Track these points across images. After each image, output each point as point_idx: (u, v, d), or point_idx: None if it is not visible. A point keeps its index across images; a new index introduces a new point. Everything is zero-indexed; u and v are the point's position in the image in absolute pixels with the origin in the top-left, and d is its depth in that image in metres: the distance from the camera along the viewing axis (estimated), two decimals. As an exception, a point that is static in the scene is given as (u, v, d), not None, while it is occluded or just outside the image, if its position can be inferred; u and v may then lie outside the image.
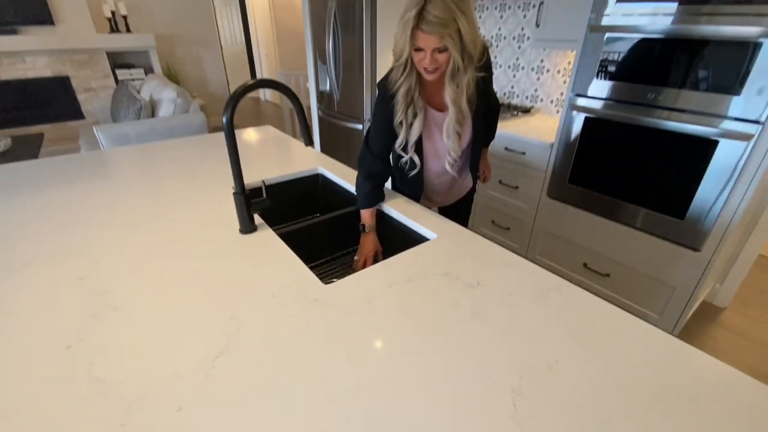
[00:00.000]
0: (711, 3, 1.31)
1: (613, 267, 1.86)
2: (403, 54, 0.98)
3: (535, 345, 0.69)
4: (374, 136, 1.18)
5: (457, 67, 0.98)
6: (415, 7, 0.89)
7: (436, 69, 0.98)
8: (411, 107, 1.08)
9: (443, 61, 0.97)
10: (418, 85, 1.05)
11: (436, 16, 0.88)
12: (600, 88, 1.67)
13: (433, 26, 0.89)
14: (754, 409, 0.58)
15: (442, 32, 0.90)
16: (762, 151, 1.32)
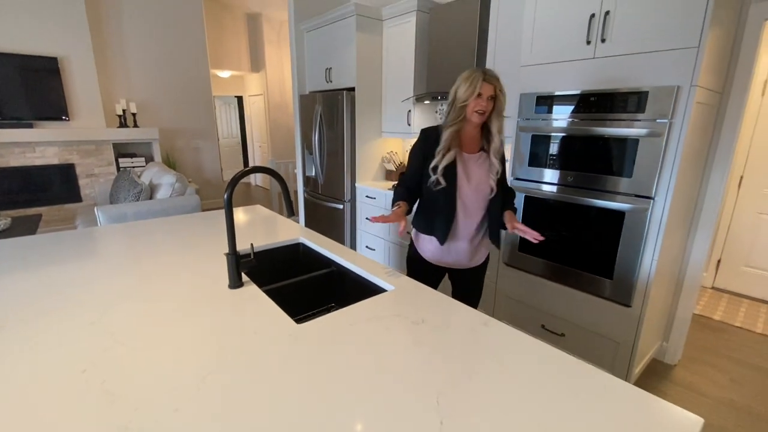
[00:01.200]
0: (601, 111, 1.75)
1: (567, 327, 2.06)
2: (465, 98, 1.37)
3: (460, 362, 0.88)
4: (408, 174, 1.57)
5: (499, 110, 1.41)
6: (480, 71, 1.37)
7: (484, 113, 1.39)
8: (450, 144, 1.43)
9: (490, 108, 1.40)
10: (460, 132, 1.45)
11: (493, 76, 1.38)
12: (532, 173, 2.05)
13: (493, 79, 1.37)
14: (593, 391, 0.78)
15: (497, 84, 1.37)
16: (657, 220, 1.65)
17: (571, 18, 1.80)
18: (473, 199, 1.50)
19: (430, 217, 1.55)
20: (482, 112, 1.38)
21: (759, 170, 2.95)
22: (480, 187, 1.49)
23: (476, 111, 1.38)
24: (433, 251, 1.58)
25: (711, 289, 3.23)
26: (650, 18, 1.57)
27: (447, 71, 2.76)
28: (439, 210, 1.51)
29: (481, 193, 1.50)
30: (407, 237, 1.73)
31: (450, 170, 1.45)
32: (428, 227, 1.56)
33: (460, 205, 1.50)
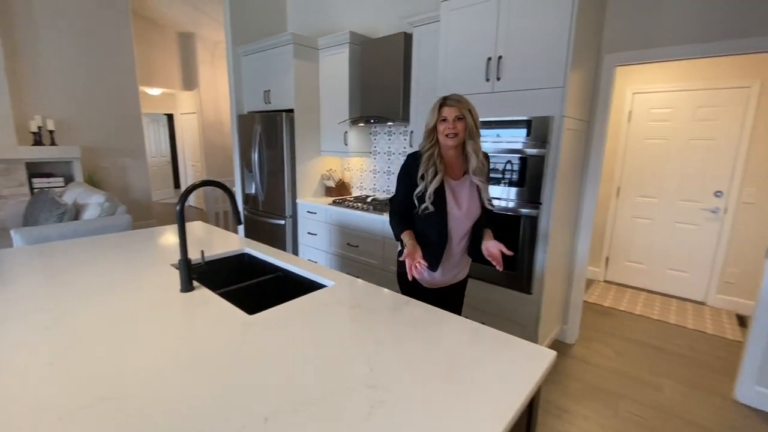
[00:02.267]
0: (500, 135, 2.15)
1: (484, 316, 2.39)
2: (430, 125, 1.45)
3: (388, 332, 1.11)
4: (397, 197, 1.57)
5: (470, 131, 1.44)
6: (443, 96, 1.45)
7: (455, 135, 1.42)
8: (432, 168, 1.46)
9: (461, 129, 1.42)
10: (440, 155, 1.47)
11: (453, 99, 1.43)
12: (452, 185, 2.40)
13: (453, 102, 1.42)
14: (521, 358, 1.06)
15: (458, 106, 1.41)
16: (545, 221, 2.06)
17: (473, 59, 2.20)
18: (463, 224, 1.53)
19: (423, 245, 1.49)
20: (452, 135, 1.42)
21: (631, 182, 3.65)
22: (471, 212, 1.52)
23: (445, 135, 1.42)
24: (424, 278, 1.58)
25: (603, 282, 3.86)
26: (530, 63, 2.01)
27: (378, 97, 3.08)
28: (432, 239, 1.52)
29: (472, 218, 1.53)
30: None
31: (439, 197, 1.47)
32: None
33: (453, 229, 1.52)
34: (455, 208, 1.51)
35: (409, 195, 1.51)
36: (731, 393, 2.16)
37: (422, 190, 1.47)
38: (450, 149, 1.48)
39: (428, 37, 2.64)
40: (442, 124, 1.44)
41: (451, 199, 1.51)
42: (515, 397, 0.84)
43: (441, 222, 1.51)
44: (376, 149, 3.56)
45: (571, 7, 1.84)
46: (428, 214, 1.49)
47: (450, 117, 1.42)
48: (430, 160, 1.47)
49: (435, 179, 1.46)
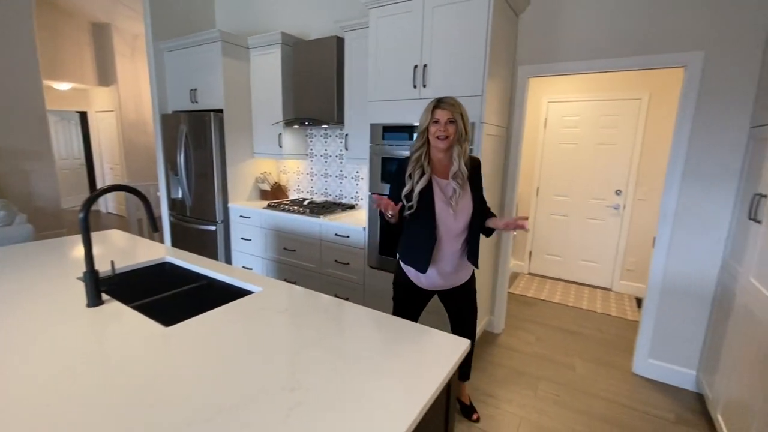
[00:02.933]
0: (428, 139, 2.25)
1: (424, 314, 2.48)
2: (422, 125, 1.48)
3: (314, 333, 1.12)
4: (390, 192, 1.61)
5: (461, 133, 1.48)
6: (436, 99, 1.49)
7: (446, 137, 1.46)
8: (420, 168, 1.51)
9: (452, 132, 1.46)
10: (428, 156, 1.53)
11: (447, 102, 1.47)
12: (384, 188, 2.47)
13: (447, 105, 1.47)
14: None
15: (451, 110, 1.46)
16: (471, 220, 2.20)
17: (402, 66, 2.29)
18: (455, 222, 1.54)
19: (412, 246, 1.60)
20: (443, 137, 1.46)
21: (548, 183, 4.01)
22: (461, 211, 1.54)
23: (437, 136, 1.47)
24: (418, 275, 1.64)
25: (527, 275, 4.19)
26: (453, 72, 2.13)
27: (313, 100, 3.07)
28: (421, 238, 1.56)
29: (463, 216, 1.55)
30: None
31: (426, 196, 1.51)
32: (411, 257, 1.62)
33: (443, 229, 1.55)
34: (445, 206, 1.53)
35: (397, 196, 1.54)
36: (630, 367, 2.47)
37: (408, 190, 1.51)
38: (440, 151, 1.53)
39: (359, 42, 2.69)
40: (434, 125, 1.48)
41: (440, 198, 1.54)
42: (429, 386, 0.90)
43: (429, 220, 1.53)
44: (313, 152, 3.54)
45: (487, 23, 1.99)
46: (416, 213, 1.52)
47: (442, 119, 1.47)
48: (418, 161, 1.52)
49: (422, 179, 1.50)
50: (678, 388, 2.27)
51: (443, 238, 1.57)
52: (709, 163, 2.07)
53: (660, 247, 2.26)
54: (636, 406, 2.11)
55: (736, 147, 2.00)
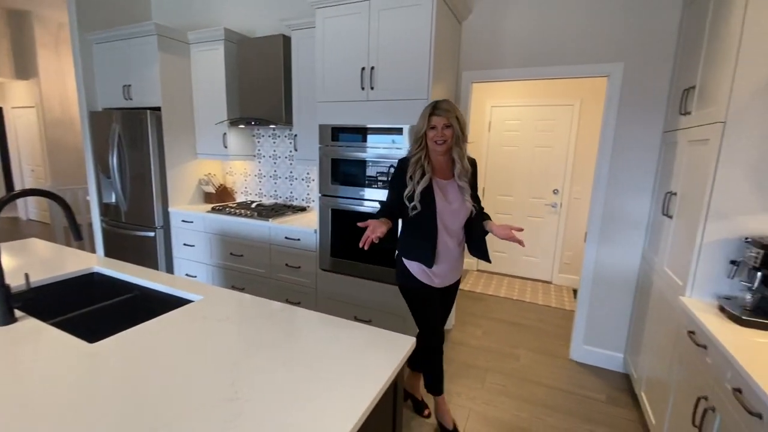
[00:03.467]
0: (378, 141, 2.27)
1: (372, 313, 2.50)
2: (419, 131, 1.56)
3: (257, 340, 1.09)
4: (388, 197, 1.71)
5: (458, 136, 1.56)
6: (431, 105, 1.56)
7: (444, 142, 1.54)
8: (420, 170, 1.57)
9: (449, 136, 1.54)
10: (428, 158, 1.59)
11: (443, 108, 1.54)
12: (335, 189, 2.46)
13: (442, 111, 1.53)
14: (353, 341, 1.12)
15: (447, 115, 1.52)
16: (419, 220, 2.25)
17: (349, 68, 2.29)
18: (453, 221, 1.64)
19: (415, 243, 1.67)
20: (441, 141, 1.54)
21: (494, 183, 4.21)
22: (460, 209, 1.63)
23: (435, 141, 1.55)
24: (430, 276, 1.69)
25: (476, 271, 4.37)
26: (399, 75, 2.17)
27: (259, 99, 2.97)
28: (425, 235, 1.63)
29: (461, 215, 1.64)
30: None
31: (428, 196, 1.59)
32: (415, 253, 1.67)
33: (442, 227, 1.63)
34: (445, 205, 1.62)
35: (399, 198, 1.62)
36: (568, 354, 2.65)
37: (410, 191, 1.59)
38: (439, 154, 1.61)
39: (307, 41, 2.65)
40: (432, 131, 1.56)
41: (440, 197, 1.62)
42: (374, 385, 0.91)
43: (431, 218, 1.61)
44: (261, 152, 3.43)
45: (431, 28, 2.05)
46: (419, 213, 1.59)
47: (439, 125, 1.54)
48: (418, 163, 1.59)
49: (423, 179, 1.58)
50: (609, 371, 2.48)
51: (446, 233, 1.65)
52: (630, 165, 2.29)
53: (591, 242, 2.46)
54: (573, 390, 2.27)
55: (651, 150, 2.23)
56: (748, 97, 1.39)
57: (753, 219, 1.44)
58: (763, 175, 1.41)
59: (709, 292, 1.53)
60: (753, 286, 1.35)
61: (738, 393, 1.07)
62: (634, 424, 1.99)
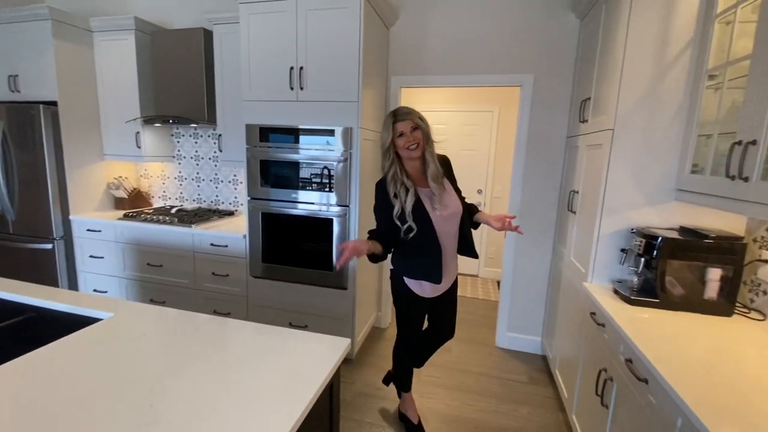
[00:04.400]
0: (310, 142, 2.24)
1: (308, 318, 2.46)
2: (386, 143, 1.47)
3: (178, 357, 1.01)
4: (379, 225, 1.57)
5: (427, 137, 1.51)
6: (391, 113, 1.49)
7: (417, 145, 1.47)
8: (402, 185, 1.47)
9: (420, 138, 1.47)
10: (403, 170, 1.50)
11: (403, 112, 1.48)
12: (265, 192, 2.37)
13: (404, 115, 1.48)
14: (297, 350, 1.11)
15: (410, 118, 1.47)
16: (354, 221, 2.27)
17: (277, 67, 2.23)
18: (450, 226, 1.57)
19: (419, 263, 1.57)
20: (414, 146, 1.47)
21: (425, 184, 4.37)
22: (452, 214, 1.57)
23: (407, 148, 1.48)
24: (424, 289, 1.64)
25: (412, 270, 4.51)
26: (330, 77, 2.17)
27: (178, 96, 2.76)
28: (426, 252, 1.54)
29: (455, 219, 1.58)
30: None
31: (419, 211, 1.49)
32: (421, 272, 1.59)
33: (443, 236, 1.55)
34: (437, 215, 1.54)
35: (390, 222, 1.51)
36: (494, 341, 2.86)
37: (399, 210, 1.48)
38: (414, 160, 1.54)
39: (231, 37, 2.52)
40: (401, 139, 1.48)
41: (431, 208, 1.53)
42: (307, 392, 0.90)
43: (429, 232, 1.52)
44: (181, 153, 3.18)
45: (359, 31, 2.08)
46: (417, 232, 1.49)
47: (406, 130, 1.48)
48: (396, 178, 1.50)
49: (408, 195, 1.48)
50: (529, 354, 2.72)
51: (445, 243, 1.58)
52: (541, 166, 2.54)
53: (510, 237, 2.68)
54: (499, 375, 2.45)
55: (558, 153, 2.50)
56: (632, 107, 1.62)
57: (637, 212, 1.69)
58: (643, 175, 1.66)
59: (606, 277, 1.76)
60: (638, 270, 1.59)
61: (629, 363, 1.25)
62: (551, 399, 2.21)
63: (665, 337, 1.27)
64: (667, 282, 1.48)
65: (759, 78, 1.16)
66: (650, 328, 1.32)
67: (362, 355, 2.59)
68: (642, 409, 1.15)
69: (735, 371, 1.06)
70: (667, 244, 1.46)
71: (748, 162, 1.18)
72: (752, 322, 1.41)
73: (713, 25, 1.45)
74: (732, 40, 1.34)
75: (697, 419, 0.85)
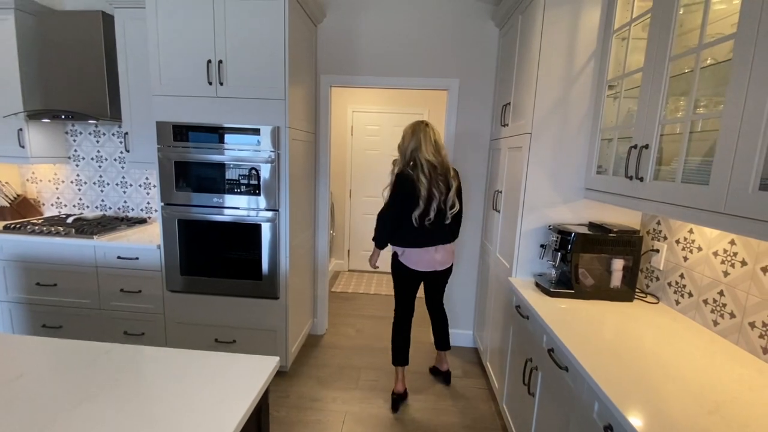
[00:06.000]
0: (233, 142, 2.08)
1: (236, 333, 2.28)
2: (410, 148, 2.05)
3: (72, 398, 0.85)
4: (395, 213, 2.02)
5: None
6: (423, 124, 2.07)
7: None
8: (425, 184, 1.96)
9: None
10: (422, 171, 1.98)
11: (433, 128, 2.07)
12: (183, 197, 2.15)
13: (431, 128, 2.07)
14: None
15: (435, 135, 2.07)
16: (284, 226, 2.15)
17: (193, 59, 2.03)
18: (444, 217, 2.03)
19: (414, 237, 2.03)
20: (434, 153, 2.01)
21: (359, 185, 4.35)
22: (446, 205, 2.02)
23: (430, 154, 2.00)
24: (417, 262, 2.06)
25: (348, 271, 4.46)
26: (253, 73, 2.03)
27: (72, 88, 2.39)
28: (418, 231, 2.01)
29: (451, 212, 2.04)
30: None
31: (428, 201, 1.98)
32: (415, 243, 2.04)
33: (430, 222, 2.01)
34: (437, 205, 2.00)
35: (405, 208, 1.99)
36: (429, 338, 2.91)
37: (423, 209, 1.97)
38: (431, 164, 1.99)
39: (138, 23, 2.25)
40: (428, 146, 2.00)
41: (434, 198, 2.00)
42: (231, 418, 0.81)
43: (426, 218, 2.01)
44: (79, 154, 2.78)
45: (284, 25, 1.97)
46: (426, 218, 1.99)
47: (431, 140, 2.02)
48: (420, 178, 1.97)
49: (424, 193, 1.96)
50: (464, 348, 2.82)
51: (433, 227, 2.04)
52: (468, 168, 2.64)
53: (443, 236, 2.76)
54: (435, 371, 2.51)
55: (483, 155, 2.63)
56: (546, 113, 1.75)
57: (553, 210, 1.82)
58: (556, 175, 1.79)
59: (529, 271, 1.88)
60: (555, 264, 1.71)
61: (551, 352, 1.33)
62: (483, 390, 2.31)
63: (580, 325, 1.37)
64: (580, 273, 1.62)
65: (649, 89, 1.30)
66: (567, 318, 1.42)
67: (297, 366, 2.48)
68: (564, 396, 1.23)
69: (639, 352, 1.18)
70: (578, 239, 1.59)
71: (642, 164, 1.32)
72: (648, 305, 1.59)
73: (611, 39, 1.61)
74: (627, 54, 1.50)
75: (611, 403, 0.92)
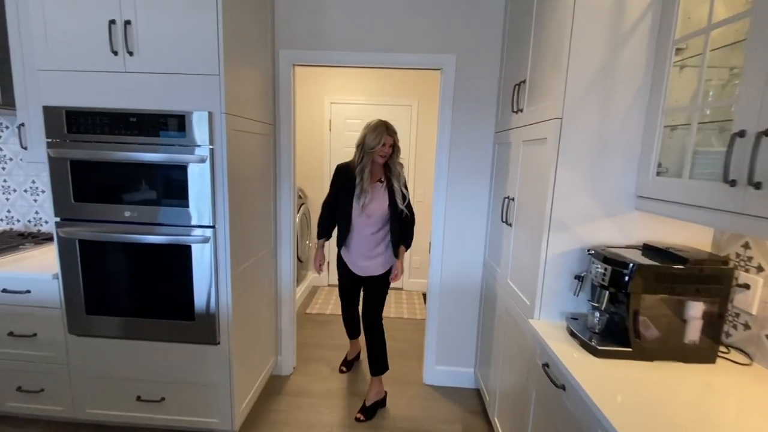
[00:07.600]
0: (147, 134, 1.51)
1: (165, 388, 1.72)
2: (374, 147, 1.87)
3: None
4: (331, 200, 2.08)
5: (397, 153, 1.98)
6: (383, 126, 1.90)
7: (386, 156, 1.93)
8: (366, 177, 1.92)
9: (390, 152, 1.94)
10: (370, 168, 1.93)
11: (393, 130, 1.94)
12: (81, 211, 1.58)
13: (393, 133, 1.93)
14: None
15: (395, 137, 1.94)
16: (223, 247, 1.60)
17: (88, 19, 1.46)
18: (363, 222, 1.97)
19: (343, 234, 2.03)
20: (385, 156, 1.92)
21: (339, 188, 3.80)
22: (378, 208, 1.96)
23: (380, 155, 1.90)
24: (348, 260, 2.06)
25: (328, 286, 3.90)
26: (175, 40, 1.47)
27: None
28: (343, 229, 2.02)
29: (378, 213, 1.96)
30: None
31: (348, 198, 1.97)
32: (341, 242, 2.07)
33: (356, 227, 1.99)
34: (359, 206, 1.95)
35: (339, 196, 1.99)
36: (421, 378, 2.39)
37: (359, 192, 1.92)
38: (378, 164, 1.95)
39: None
40: (381, 147, 1.88)
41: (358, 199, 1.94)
42: None
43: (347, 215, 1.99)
44: None
45: (217, -26, 1.42)
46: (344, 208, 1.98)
47: (388, 143, 1.89)
48: (364, 171, 1.91)
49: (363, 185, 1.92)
50: (462, 389, 2.30)
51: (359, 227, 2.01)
52: (467, 166, 2.12)
53: (435, 249, 2.24)
54: (429, 426, 1.97)
55: (486, 151, 2.11)
56: (582, 91, 1.23)
57: (592, 227, 1.30)
58: (596, 178, 1.28)
59: (557, 310, 1.36)
60: (601, 306, 1.19)
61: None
62: (490, 455, 1.78)
63: (653, 408, 0.86)
64: (641, 323, 1.10)
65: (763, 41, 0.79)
66: (631, 398, 0.92)
67: (252, 423, 1.92)
68: None
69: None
70: (641, 274, 1.07)
71: (761, 161, 0.81)
72: (738, 368, 1.09)
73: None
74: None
75: None
